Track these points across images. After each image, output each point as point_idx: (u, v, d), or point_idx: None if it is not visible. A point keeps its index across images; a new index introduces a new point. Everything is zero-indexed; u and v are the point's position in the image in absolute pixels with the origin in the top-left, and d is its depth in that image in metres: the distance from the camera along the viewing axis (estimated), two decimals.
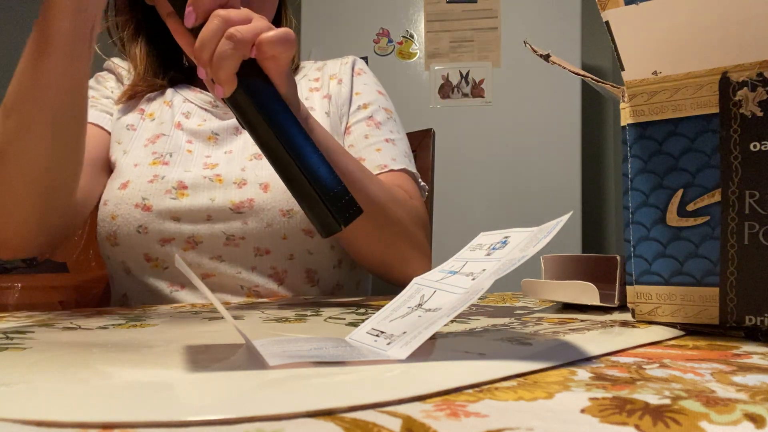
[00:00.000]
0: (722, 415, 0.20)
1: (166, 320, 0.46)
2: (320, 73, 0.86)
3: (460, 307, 0.30)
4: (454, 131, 2.16)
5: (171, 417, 0.20)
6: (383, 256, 0.70)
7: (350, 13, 2.23)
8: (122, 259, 0.71)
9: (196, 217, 0.69)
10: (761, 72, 0.35)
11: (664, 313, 0.39)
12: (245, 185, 0.70)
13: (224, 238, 0.69)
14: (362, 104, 0.82)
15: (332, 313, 0.50)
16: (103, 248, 0.72)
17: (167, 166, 0.71)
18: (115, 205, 0.69)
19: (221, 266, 0.70)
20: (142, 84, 0.79)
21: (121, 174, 0.72)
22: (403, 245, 0.70)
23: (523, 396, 0.23)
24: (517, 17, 2.17)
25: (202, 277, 0.70)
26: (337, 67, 0.86)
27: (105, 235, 0.70)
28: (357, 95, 0.83)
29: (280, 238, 0.70)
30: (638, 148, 0.39)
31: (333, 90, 0.83)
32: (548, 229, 0.32)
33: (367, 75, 0.87)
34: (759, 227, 0.35)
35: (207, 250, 0.69)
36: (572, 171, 2.13)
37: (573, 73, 0.43)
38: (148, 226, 0.68)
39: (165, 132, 0.75)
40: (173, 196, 0.69)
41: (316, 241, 0.71)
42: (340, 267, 0.76)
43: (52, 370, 0.27)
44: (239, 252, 0.70)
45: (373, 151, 0.77)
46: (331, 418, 0.20)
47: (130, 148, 0.74)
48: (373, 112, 0.81)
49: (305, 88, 0.83)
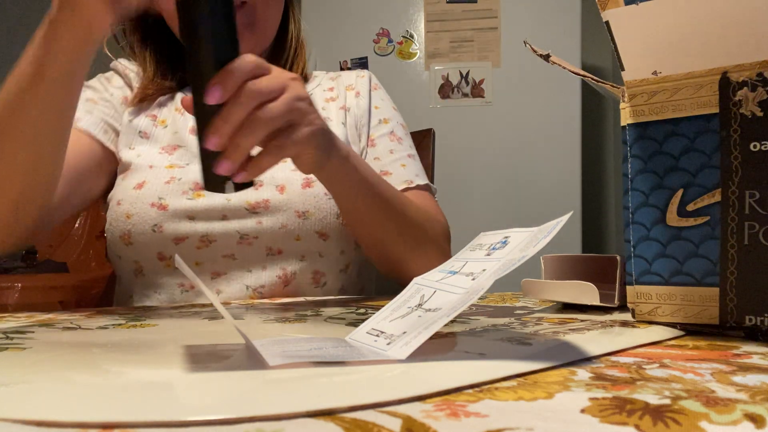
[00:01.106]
0: (722, 415, 0.20)
1: (166, 320, 0.46)
2: (335, 83, 0.87)
3: (460, 307, 0.30)
4: (454, 131, 2.16)
5: (171, 417, 0.20)
6: (419, 269, 0.72)
7: (350, 13, 2.23)
8: (135, 259, 0.71)
9: (211, 216, 0.69)
10: (761, 72, 0.35)
11: (664, 313, 0.39)
12: (261, 186, 0.71)
13: (238, 237, 0.70)
14: (382, 119, 0.85)
15: (332, 313, 0.50)
16: (115, 248, 0.72)
17: (183, 169, 0.72)
18: (130, 204, 0.69)
19: (233, 264, 0.70)
20: (151, 86, 0.79)
21: (136, 175, 0.72)
22: (437, 259, 0.72)
23: (523, 396, 0.23)
24: (517, 17, 2.17)
25: (211, 275, 0.70)
26: (353, 79, 0.87)
27: (119, 234, 0.70)
28: (376, 109, 0.85)
29: (293, 239, 0.71)
30: (638, 148, 0.39)
31: (351, 102, 0.84)
32: (548, 229, 0.32)
33: (383, 91, 0.90)
34: (759, 227, 0.35)
35: (220, 249, 0.70)
36: (572, 171, 2.13)
37: (573, 73, 0.43)
38: (163, 225, 0.68)
39: (181, 143, 0.75)
40: (189, 196, 0.69)
41: (327, 244, 0.72)
42: (347, 272, 0.76)
43: (52, 370, 0.27)
44: (251, 251, 0.70)
45: (399, 167, 0.80)
46: (331, 418, 0.20)
47: (144, 152, 0.74)
48: (393, 127, 0.84)
49: (320, 98, 0.84)
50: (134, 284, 0.73)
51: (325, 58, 2.27)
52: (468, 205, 2.16)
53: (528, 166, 2.15)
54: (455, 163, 2.15)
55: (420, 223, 0.71)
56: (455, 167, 2.15)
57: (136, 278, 0.72)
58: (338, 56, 2.23)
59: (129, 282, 0.74)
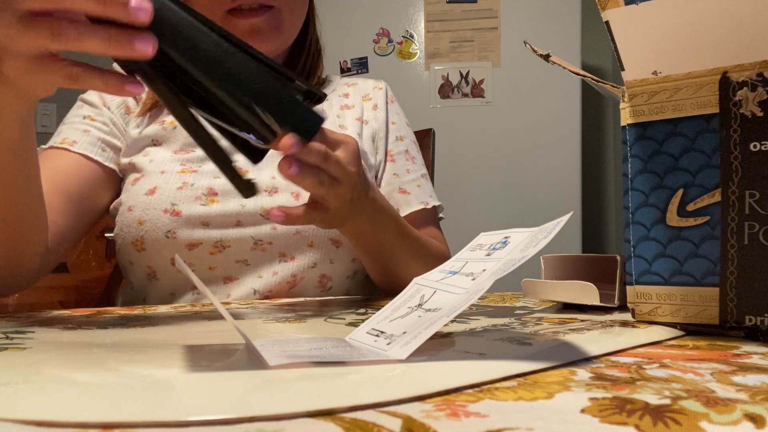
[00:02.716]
0: (722, 415, 0.20)
1: (166, 320, 0.46)
2: (351, 91, 0.87)
3: (460, 308, 0.30)
4: (454, 131, 2.16)
5: (171, 417, 0.20)
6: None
7: (350, 13, 2.23)
8: (148, 264, 0.71)
9: (226, 223, 0.69)
10: (761, 72, 0.35)
11: (664, 313, 0.39)
12: (276, 193, 0.71)
13: (252, 243, 0.70)
14: (399, 136, 0.86)
15: (332, 313, 0.50)
16: (127, 254, 0.72)
17: (195, 173, 0.71)
18: (142, 210, 0.69)
19: (245, 269, 0.70)
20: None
21: (147, 180, 0.71)
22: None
23: (523, 396, 0.23)
24: (517, 17, 2.17)
25: (224, 281, 0.70)
26: (370, 89, 0.87)
27: (131, 240, 0.70)
28: (393, 125, 0.86)
29: (306, 245, 0.71)
30: (638, 148, 0.39)
31: (368, 115, 0.84)
32: (548, 229, 0.32)
33: (397, 105, 0.90)
34: (759, 227, 0.35)
35: (234, 254, 0.70)
36: (572, 171, 2.13)
37: (573, 73, 0.43)
38: (176, 231, 0.68)
39: (195, 144, 0.74)
40: (203, 202, 0.69)
41: (340, 251, 0.72)
42: (354, 278, 0.76)
43: (52, 370, 0.27)
44: (264, 256, 0.70)
45: (415, 187, 0.82)
46: (331, 418, 0.20)
47: (158, 157, 0.73)
48: (407, 146, 0.86)
49: (336, 104, 0.84)
50: (148, 289, 0.73)
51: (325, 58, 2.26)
52: (468, 205, 2.16)
53: (528, 166, 2.15)
54: (455, 163, 2.15)
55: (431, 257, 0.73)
56: (455, 167, 2.15)
57: (149, 283, 0.72)
58: (338, 56, 2.23)
59: (142, 287, 0.74)
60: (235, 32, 0.69)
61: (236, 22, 0.70)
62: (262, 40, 0.72)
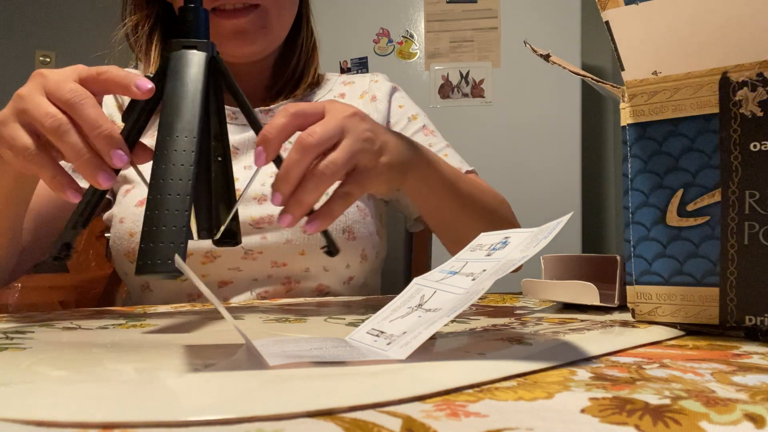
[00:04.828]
0: (722, 415, 0.20)
1: (166, 320, 0.46)
2: (348, 90, 0.86)
3: (460, 308, 0.30)
4: (454, 131, 2.15)
5: (171, 417, 0.20)
6: None
7: (350, 13, 2.23)
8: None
9: None
10: (761, 72, 0.35)
11: (664, 313, 0.39)
12: (265, 201, 0.70)
13: (242, 252, 0.69)
14: (411, 116, 0.84)
15: (332, 313, 0.50)
16: (121, 265, 0.72)
17: None
18: (133, 222, 0.69)
19: (239, 275, 0.70)
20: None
21: (137, 191, 0.71)
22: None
23: (523, 396, 0.23)
24: (517, 17, 2.17)
25: (218, 284, 0.70)
26: (367, 85, 0.86)
27: (123, 252, 0.70)
28: (401, 108, 0.85)
29: (297, 253, 0.70)
30: (638, 148, 0.39)
31: (369, 108, 0.82)
32: (548, 229, 0.32)
33: (402, 90, 0.89)
34: (759, 227, 0.35)
35: (225, 263, 0.70)
36: (572, 171, 2.13)
37: (573, 73, 0.43)
38: None
39: None
40: None
41: (333, 259, 0.72)
42: (350, 283, 0.76)
43: (52, 370, 0.27)
44: (256, 264, 0.70)
45: (443, 158, 0.80)
46: (331, 418, 0.20)
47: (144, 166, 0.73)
48: (423, 122, 0.85)
49: None
50: (143, 300, 0.73)
51: (325, 58, 2.25)
52: None
53: (528, 166, 2.15)
54: None
55: (495, 208, 0.72)
56: None
57: (143, 294, 0.72)
58: (338, 56, 2.23)
59: (138, 297, 0.74)
60: (219, 33, 0.68)
61: (220, 23, 0.68)
62: (248, 41, 0.70)
